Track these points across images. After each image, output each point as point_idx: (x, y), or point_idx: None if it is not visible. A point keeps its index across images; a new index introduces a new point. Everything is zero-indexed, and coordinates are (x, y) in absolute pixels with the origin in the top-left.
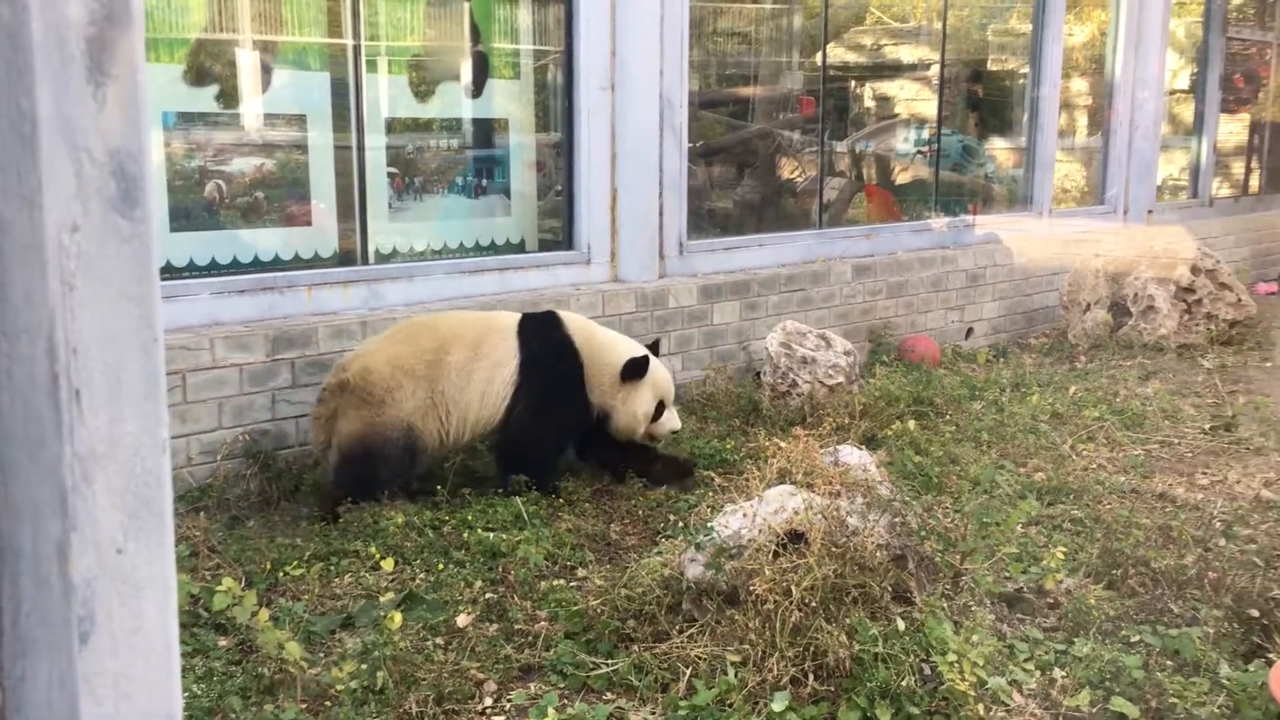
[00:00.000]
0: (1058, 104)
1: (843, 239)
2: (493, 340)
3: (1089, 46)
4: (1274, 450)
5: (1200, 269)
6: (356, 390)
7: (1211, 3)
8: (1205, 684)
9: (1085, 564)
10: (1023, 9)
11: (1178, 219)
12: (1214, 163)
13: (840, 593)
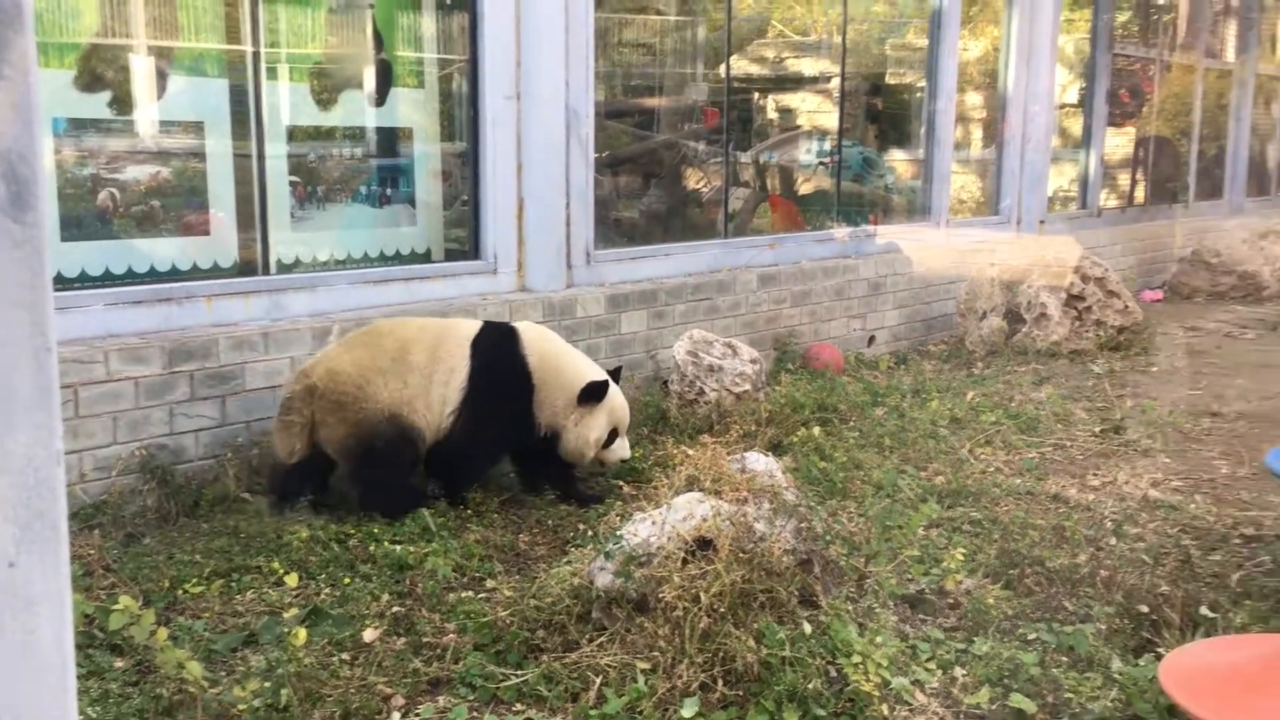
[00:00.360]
0: (953, 117)
1: (748, 249)
2: (448, 347)
3: (983, 61)
4: (1160, 451)
5: (1089, 277)
6: (327, 394)
7: (1098, 20)
8: (1099, 679)
9: (984, 564)
10: (919, 24)
11: (1068, 229)
12: (1102, 175)
13: (748, 598)
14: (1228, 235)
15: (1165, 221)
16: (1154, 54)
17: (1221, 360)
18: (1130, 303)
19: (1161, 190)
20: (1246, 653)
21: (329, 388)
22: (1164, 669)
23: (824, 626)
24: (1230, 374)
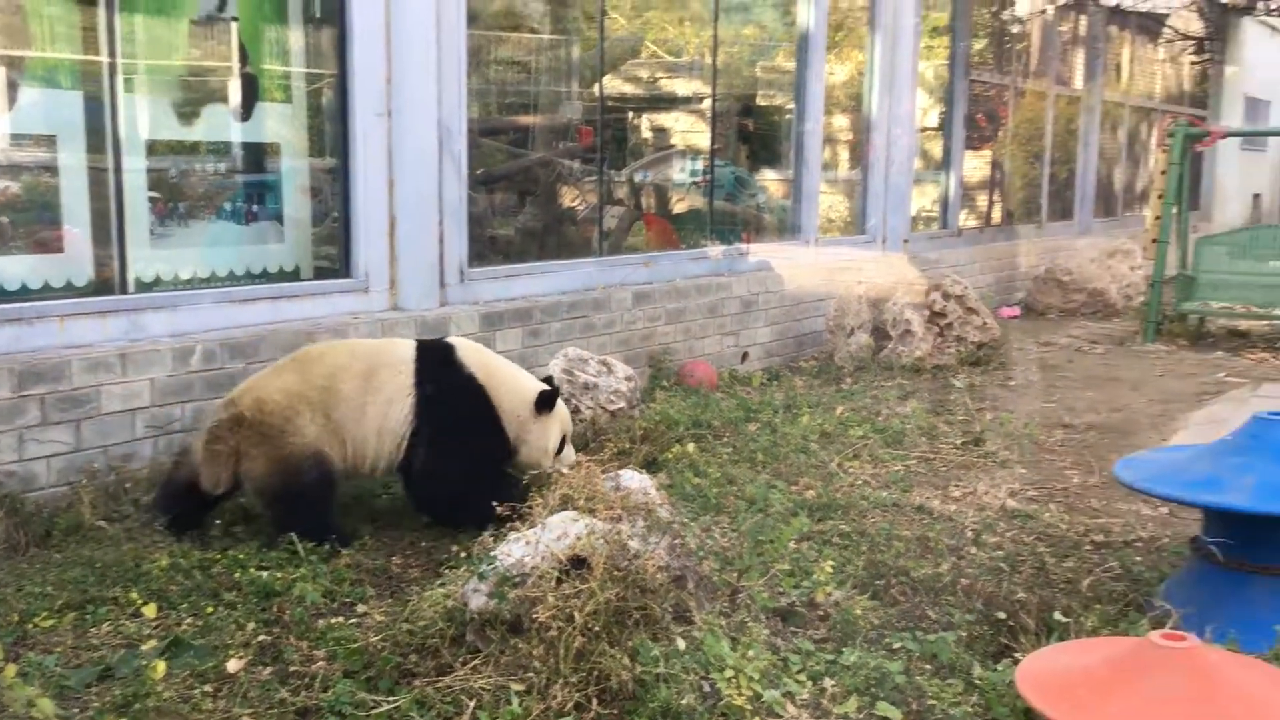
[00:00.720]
0: (821, 139)
1: (623, 266)
2: (384, 375)
3: (849, 85)
4: (1017, 463)
5: (950, 295)
6: (253, 424)
7: (956, 47)
8: (960, 684)
9: (852, 576)
10: (788, 48)
11: (930, 248)
12: (961, 196)
13: (623, 616)
14: (1078, 254)
15: (1021, 241)
16: (1008, 80)
17: (1073, 374)
18: (989, 319)
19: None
20: (1097, 656)
21: (256, 418)
22: (1021, 673)
23: (698, 642)
24: (1081, 387)
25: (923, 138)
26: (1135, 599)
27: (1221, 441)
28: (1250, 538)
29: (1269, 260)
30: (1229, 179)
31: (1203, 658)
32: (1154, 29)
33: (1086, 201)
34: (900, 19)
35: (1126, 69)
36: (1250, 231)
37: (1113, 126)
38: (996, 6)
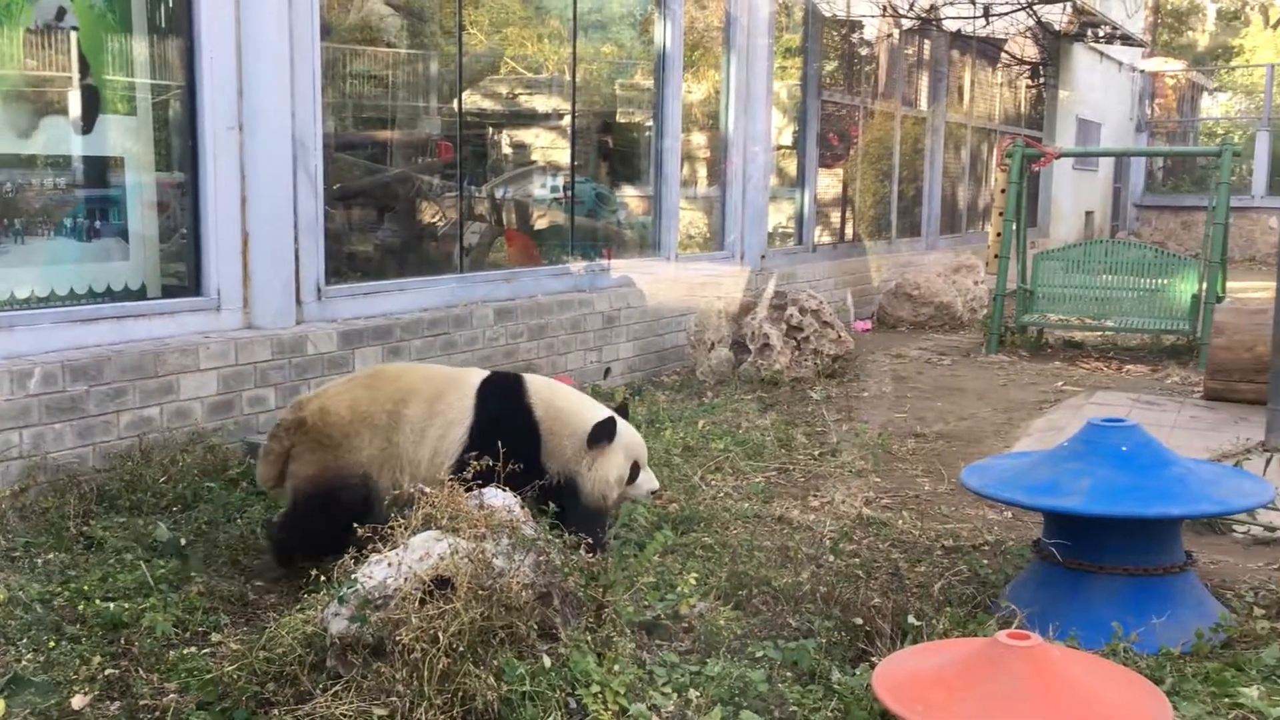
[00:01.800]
0: (680, 156)
1: (484, 283)
2: (450, 399)
3: (707, 104)
4: (871, 472)
5: (807, 309)
6: (313, 431)
7: (808, 68)
8: (820, 690)
9: (716, 587)
10: (646, 66)
11: (787, 263)
12: (815, 212)
13: (488, 635)
14: (926, 269)
15: (872, 256)
16: (858, 101)
17: (923, 385)
18: (843, 333)
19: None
20: (947, 657)
21: (317, 425)
22: (876, 677)
23: (563, 658)
24: (930, 397)
25: (778, 156)
26: (983, 601)
27: (1059, 447)
28: (1087, 539)
29: (1100, 274)
30: (1064, 197)
31: (1045, 655)
32: (993, 54)
33: (933, 218)
34: (754, 40)
35: (968, 92)
36: (1083, 247)
37: (956, 147)
38: (846, 30)
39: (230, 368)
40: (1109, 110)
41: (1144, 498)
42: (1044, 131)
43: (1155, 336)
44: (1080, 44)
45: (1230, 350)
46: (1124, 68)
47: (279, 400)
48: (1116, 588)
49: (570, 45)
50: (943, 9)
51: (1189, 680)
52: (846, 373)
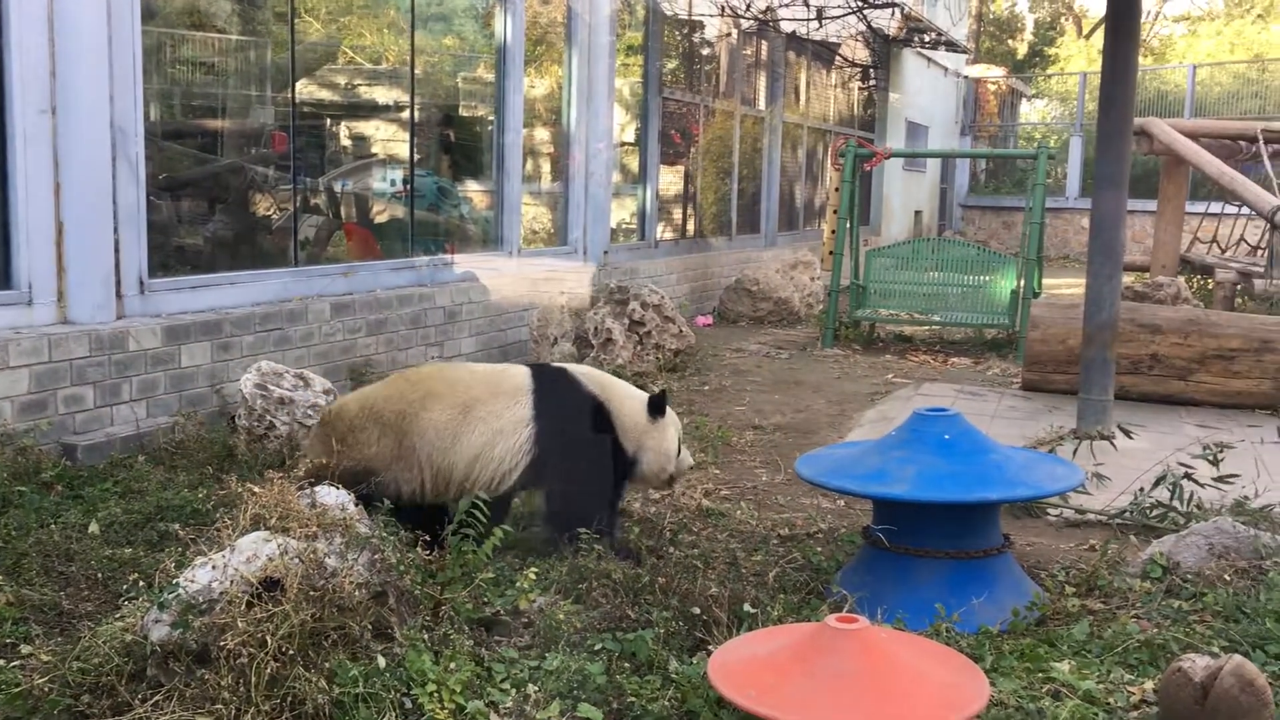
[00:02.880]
0: (522, 150)
1: (320, 277)
2: (493, 406)
3: (550, 99)
4: (711, 464)
5: (649, 304)
6: (326, 425)
7: (650, 66)
8: (658, 680)
9: (556, 581)
10: (489, 60)
11: (629, 259)
12: (658, 209)
13: (319, 637)
14: (765, 266)
15: (713, 253)
16: (699, 99)
17: (761, 378)
18: (684, 327)
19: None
20: (780, 642)
21: (329, 421)
22: (712, 664)
23: (399, 658)
24: (769, 391)
25: (622, 152)
26: (816, 587)
27: (887, 437)
28: (913, 524)
29: (928, 271)
30: (894, 197)
31: (872, 637)
32: (827, 57)
33: (771, 216)
34: (596, 37)
35: (804, 93)
36: (912, 245)
37: (793, 146)
38: (687, 29)
39: (43, 365)
40: (936, 114)
41: (965, 484)
42: (875, 133)
43: (978, 330)
44: (909, 49)
45: (1045, 343)
46: (949, 73)
47: (98, 399)
48: (940, 570)
49: (409, 37)
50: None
51: (1006, 657)
52: (688, 367)
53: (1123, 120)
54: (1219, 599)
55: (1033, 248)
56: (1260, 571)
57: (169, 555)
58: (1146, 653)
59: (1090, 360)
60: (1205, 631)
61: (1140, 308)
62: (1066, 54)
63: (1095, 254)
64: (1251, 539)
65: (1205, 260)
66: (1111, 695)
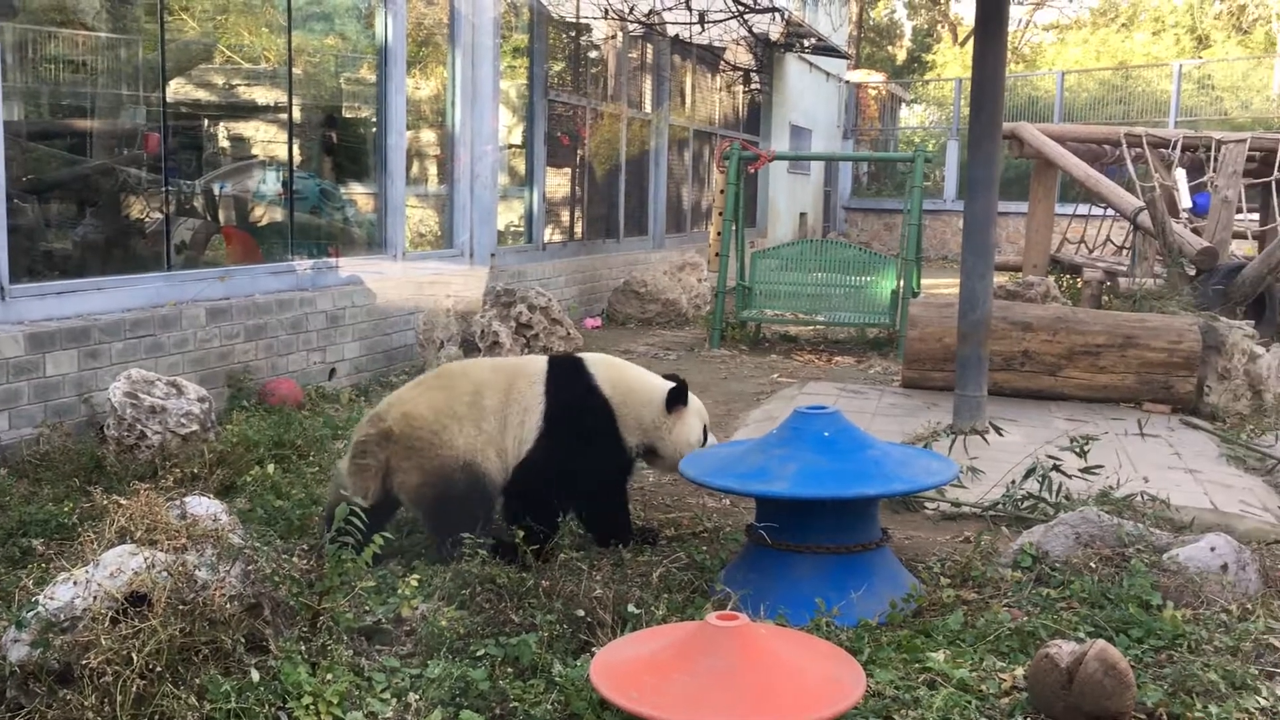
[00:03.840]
0: (405, 152)
1: (195, 281)
2: (520, 387)
3: (436, 100)
4: None
5: (536, 307)
6: (402, 439)
7: (535, 68)
8: (542, 684)
9: (439, 588)
10: (372, 60)
11: (517, 261)
12: (545, 211)
13: (189, 652)
14: (653, 268)
15: (601, 255)
16: (586, 102)
17: None
18: (572, 330)
19: (598, 227)
20: (662, 641)
21: (404, 431)
22: (594, 666)
23: (274, 671)
24: None
25: (509, 155)
26: (701, 586)
27: (769, 435)
28: (794, 521)
29: (813, 272)
30: (780, 199)
31: (752, 634)
32: (712, 61)
33: (659, 218)
34: (480, 38)
35: (690, 96)
36: (797, 246)
37: (680, 149)
38: (574, 32)
39: None
40: (819, 117)
41: (844, 480)
42: (760, 136)
43: (861, 330)
44: (791, 54)
45: (924, 341)
46: (831, 78)
47: None
48: (821, 566)
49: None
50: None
51: (884, 649)
52: None
53: (992, 124)
54: (1085, 586)
55: (911, 249)
56: (1123, 559)
57: (29, 573)
58: (1017, 640)
59: (965, 357)
60: (1072, 618)
61: (1012, 306)
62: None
63: (968, 254)
64: (1115, 527)
65: (1074, 260)
66: (984, 682)
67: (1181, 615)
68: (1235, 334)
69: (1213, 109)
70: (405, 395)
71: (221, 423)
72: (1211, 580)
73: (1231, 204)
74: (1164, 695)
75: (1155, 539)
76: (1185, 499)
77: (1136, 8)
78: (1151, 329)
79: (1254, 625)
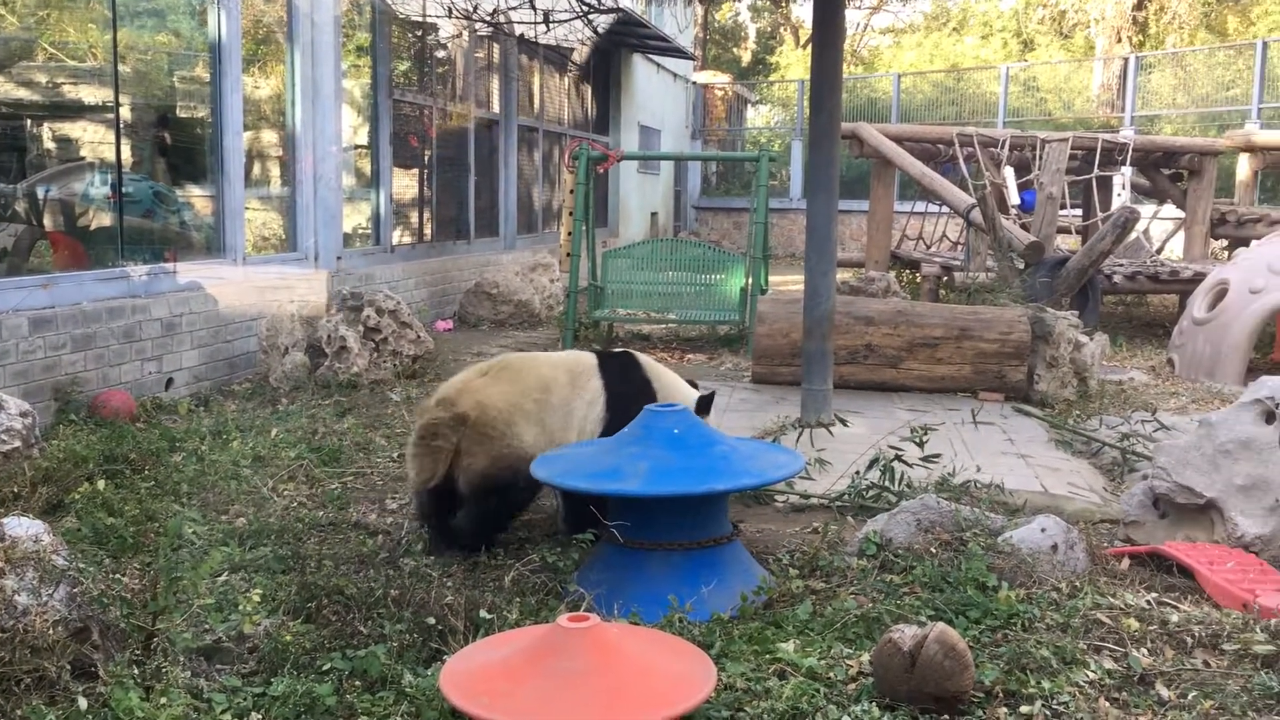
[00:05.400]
0: (243, 153)
1: (15, 290)
2: (582, 380)
3: (277, 100)
4: None
5: (384, 310)
6: (477, 425)
7: (378, 68)
8: (391, 696)
9: (285, 602)
10: (207, 58)
11: (364, 264)
12: (393, 213)
13: (10, 682)
14: (504, 269)
15: (452, 256)
16: (433, 102)
17: None
18: (422, 333)
19: (447, 228)
20: (514, 646)
21: (479, 419)
22: (444, 675)
23: (104, 697)
24: None
25: (355, 155)
26: (555, 587)
27: (622, 434)
28: (647, 519)
29: (664, 271)
30: (631, 198)
31: (603, 634)
32: (559, 60)
33: (510, 219)
34: (320, 36)
35: (539, 96)
36: (648, 245)
37: (530, 149)
38: (419, 31)
39: None
40: (667, 118)
41: (694, 476)
42: (610, 136)
43: (712, 327)
44: (639, 55)
45: (771, 337)
46: (678, 79)
47: None
48: (673, 562)
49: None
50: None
51: (736, 641)
52: (427, 373)
53: (832, 125)
54: (926, 571)
55: (759, 246)
56: (961, 543)
57: None
58: (863, 626)
59: (811, 352)
60: (914, 602)
61: (855, 301)
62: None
63: (811, 251)
64: (953, 513)
65: (913, 255)
66: (832, 670)
67: (1016, 595)
68: (1062, 324)
69: (1038, 110)
70: (474, 383)
71: (47, 438)
72: (1043, 560)
73: (1056, 200)
74: (1000, 673)
75: (991, 523)
76: (1018, 483)
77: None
78: (985, 321)
79: (1082, 602)
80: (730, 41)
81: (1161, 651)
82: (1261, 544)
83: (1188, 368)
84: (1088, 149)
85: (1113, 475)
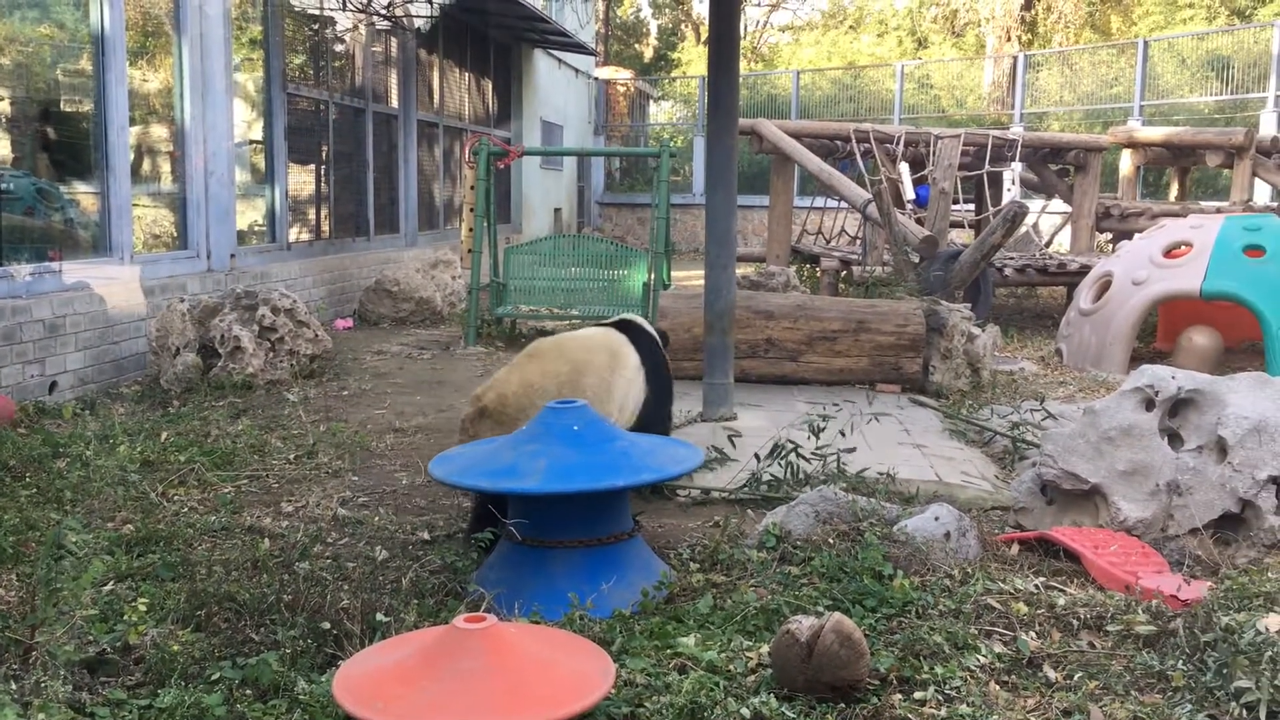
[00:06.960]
0: (129, 148)
1: None
2: (621, 358)
3: (165, 94)
4: (349, 470)
5: (280, 309)
6: (493, 414)
7: (271, 61)
8: (284, 704)
9: (173, 611)
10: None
11: (260, 262)
12: (289, 209)
13: None
14: (405, 265)
15: (351, 254)
16: (329, 96)
17: (403, 380)
18: (320, 331)
19: (346, 225)
20: (410, 649)
21: (496, 409)
22: (337, 680)
23: None
24: (411, 392)
25: (250, 151)
26: (455, 588)
27: (521, 431)
28: (547, 516)
29: (568, 267)
30: (534, 194)
31: (500, 634)
32: (459, 55)
33: (411, 215)
34: (210, 28)
35: (439, 91)
36: (552, 241)
37: (430, 144)
38: (315, 24)
39: None
40: (570, 113)
41: (593, 473)
42: (512, 132)
43: None
44: (540, 50)
45: (674, 332)
46: (580, 74)
47: None
48: (574, 559)
49: None
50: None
51: (637, 637)
52: (326, 372)
53: (729, 120)
54: (824, 562)
55: (660, 241)
56: (858, 533)
57: None
58: (763, 618)
59: (712, 346)
60: (812, 593)
61: (755, 295)
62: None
63: (711, 245)
64: (850, 503)
65: (812, 250)
66: (732, 663)
67: (910, 583)
68: (955, 316)
69: (932, 107)
70: (500, 376)
71: None
72: (936, 548)
73: (948, 195)
74: (895, 660)
75: (886, 512)
76: (913, 472)
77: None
78: (881, 314)
79: (974, 588)
80: (632, 38)
81: (1049, 634)
82: (1143, 527)
83: (1075, 357)
84: (979, 145)
85: (1004, 463)
